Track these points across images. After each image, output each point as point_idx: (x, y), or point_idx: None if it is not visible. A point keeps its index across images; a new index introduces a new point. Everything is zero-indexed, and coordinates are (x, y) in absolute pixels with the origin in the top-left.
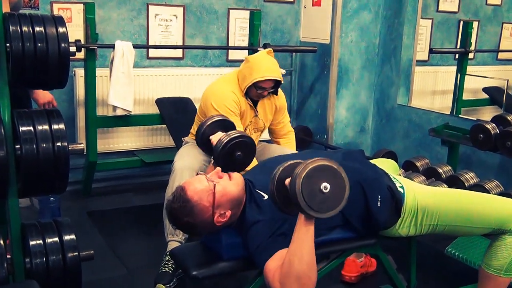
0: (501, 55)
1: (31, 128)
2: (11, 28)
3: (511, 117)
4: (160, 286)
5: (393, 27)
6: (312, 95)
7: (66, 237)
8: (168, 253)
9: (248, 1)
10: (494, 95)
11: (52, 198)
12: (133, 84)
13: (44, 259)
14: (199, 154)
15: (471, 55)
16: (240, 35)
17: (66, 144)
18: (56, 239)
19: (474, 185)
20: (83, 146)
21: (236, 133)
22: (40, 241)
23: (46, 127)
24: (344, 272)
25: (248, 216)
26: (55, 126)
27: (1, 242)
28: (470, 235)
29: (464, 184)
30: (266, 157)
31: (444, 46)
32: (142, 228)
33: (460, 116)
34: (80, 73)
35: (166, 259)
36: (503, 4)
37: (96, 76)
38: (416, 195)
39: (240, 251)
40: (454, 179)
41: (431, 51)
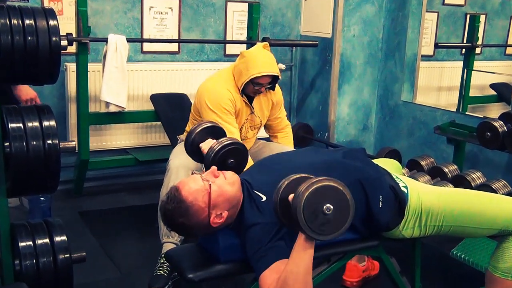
0: (509, 50)
1: (21, 125)
2: (0, 21)
3: None
4: None
5: (397, 21)
6: (313, 91)
7: (57, 238)
8: (163, 255)
9: None
10: (502, 92)
11: (43, 198)
12: (127, 80)
13: (34, 261)
14: None
15: (478, 50)
16: (238, 29)
17: (57, 142)
18: (47, 240)
19: (481, 185)
20: (75, 144)
21: (228, 140)
22: (30, 243)
23: (36, 124)
24: (346, 277)
25: (247, 218)
26: (46, 123)
27: None
28: (477, 237)
29: (471, 184)
30: (258, 153)
31: (450, 41)
32: (136, 229)
33: (467, 113)
34: (72, 68)
35: (161, 261)
36: None
37: (88, 71)
38: (421, 195)
39: (238, 253)
40: (460, 179)
41: (437, 46)
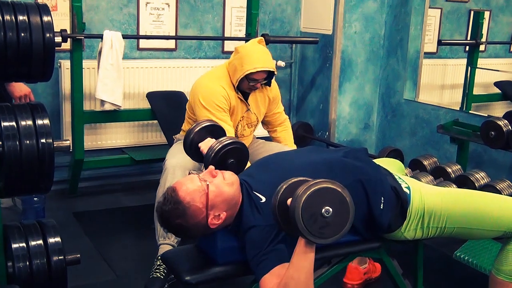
0: None
1: (14, 124)
2: None
3: None
4: None
5: (400, 17)
6: (313, 89)
7: (51, 240)
8: (160, 257)
9: None
10: (507, 90)
11: (36, 198)
12: (123, 77)
13: (28, 263)
14: None
15: (482, 47)
16: (237, 25)
17: (51, 141)
18: (40, 242)
19: (485, 186)
20: (69, 143)
21: (228, 140)
22: (23, 244)
23: (30, 123)
24: (346, 280)
25: (246, 219)
26: (39, 122)
27: None
28: (480, 239)
29: (474, 184)
30: (257, 153)
31: (454, 38)
32: (132, 230)
33: (471, 112)
34: (66, 65)
35: (158, 264)
36: None
37: (83, 68)
38: (423, 196)
39: (236, 255)
40: (464, 179)
41: (440, 43)
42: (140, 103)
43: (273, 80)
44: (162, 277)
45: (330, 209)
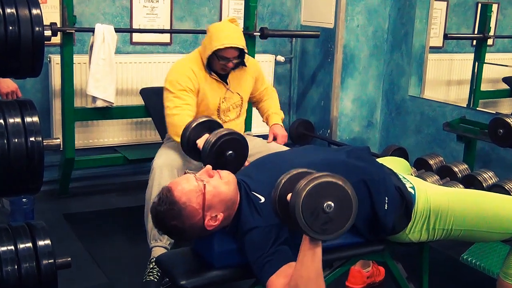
0: None
1: (1, 121)
2: None
3: None
4: None
5: (404, 10)
6: (314, 86)
7: (41, 243)
8: (153, 260)
9: None
10: None
11: (25, 199)
12: (115, 73)
13: (16, 267)
14: (180, 150)
15: (490, 41)
16: None
17: (41, 139)
18: (30, 245)
19: (493, 186)
20: (59, 141)
21: (224, 131)
22: (12, 247)
23: (18, 120)
24: (349, 284)
25: (245, 220)
26: (28, 119)
27: None
28: (488, 241)
29: (482, 185)
30: (255, 152)
31: (460, 31)
32: (125, 233)
33: (478, 109)
34: (56, 60)
35: (151, 267)
36: None
37: (74, 63)
38: (429, 196)
39: (234, 259)
40: (471, 179)
41: (446, 37)
42: (134, 100)
43: (254, 59)
44: (156, 281)
45: (332, 204)
